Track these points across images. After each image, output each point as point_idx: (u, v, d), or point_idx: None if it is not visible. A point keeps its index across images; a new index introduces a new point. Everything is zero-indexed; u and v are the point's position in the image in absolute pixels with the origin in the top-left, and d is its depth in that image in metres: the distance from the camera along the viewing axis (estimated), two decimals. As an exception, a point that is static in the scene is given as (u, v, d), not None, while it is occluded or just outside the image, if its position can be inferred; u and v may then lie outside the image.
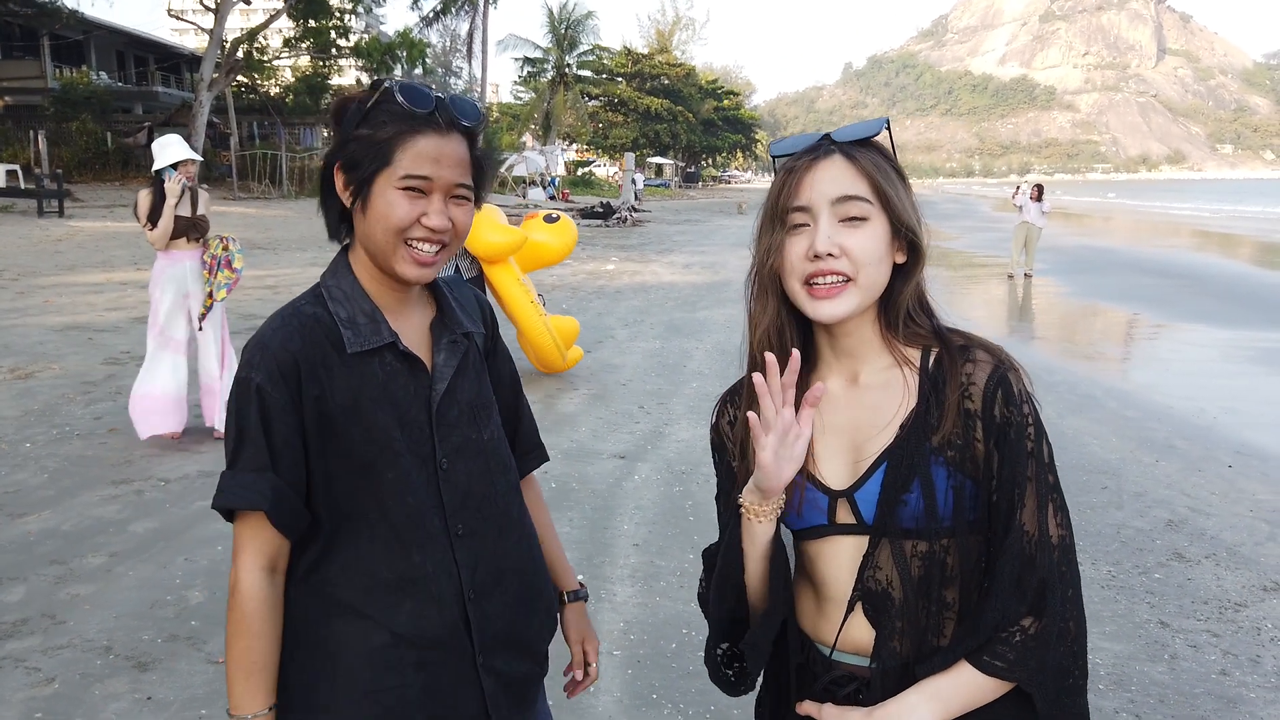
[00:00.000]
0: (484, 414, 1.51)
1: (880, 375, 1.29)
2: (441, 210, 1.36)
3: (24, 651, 3.32)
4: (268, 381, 1.33)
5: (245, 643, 1.33)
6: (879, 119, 1.31)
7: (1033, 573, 1.17)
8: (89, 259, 14.69)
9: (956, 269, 19.31)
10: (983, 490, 1.21)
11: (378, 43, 36.25)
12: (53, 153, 28.94)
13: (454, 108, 1.37)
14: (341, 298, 1.41)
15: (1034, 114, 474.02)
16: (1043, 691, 1.17)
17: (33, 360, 7.81)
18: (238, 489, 1.33)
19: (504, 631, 1.48)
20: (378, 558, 1.38)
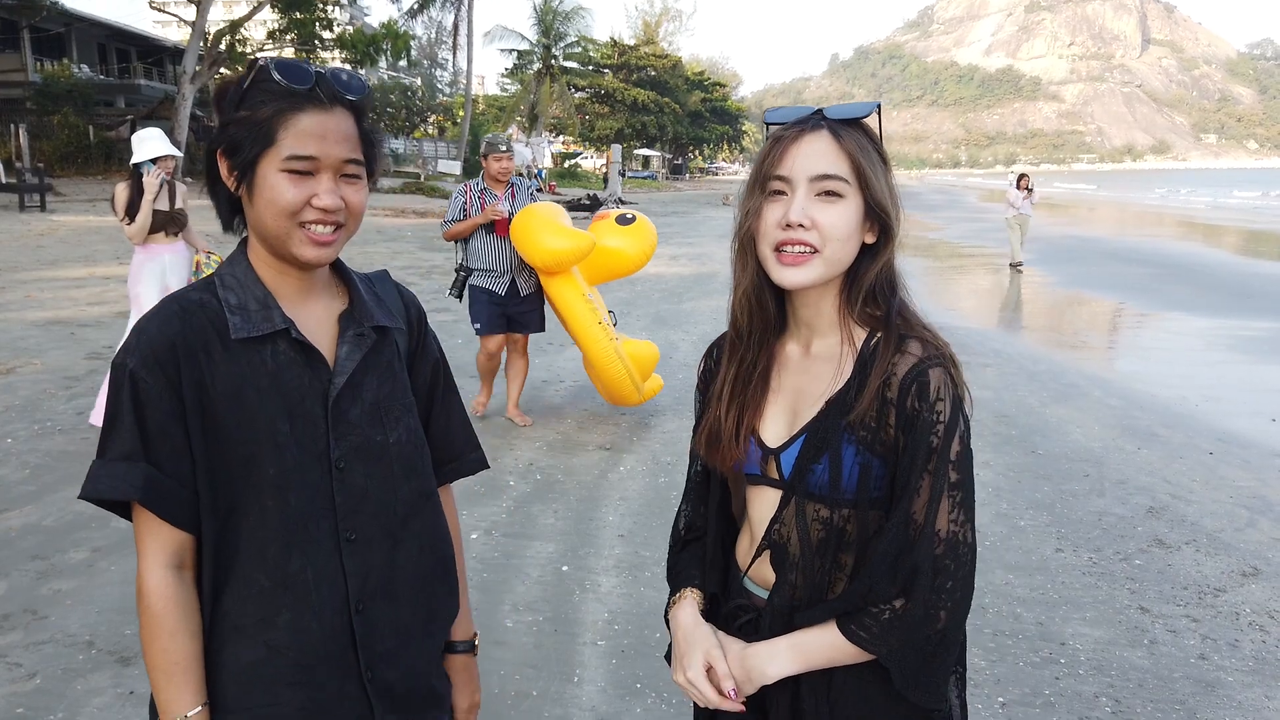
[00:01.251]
0: (392, 415, 1.41)
1: (828, 349, 1.37)
2: (332, 190, 1.28)
3: (5, 647, 3.30)
4: (141, 366, 1.25)
5: (161, 644, 1.26)
6: (872, 102, 1.37)
7: (909, 558, 1.25)
8: (71, 253, 14.57)
9: (943, 259, 19.35)
10: (889, 472, 1.29)
11: (362, 34, 35.98)
12: (34, 147, 28.68)
13: (335, 82, 1.30)
14: (234, 284, 1.33)
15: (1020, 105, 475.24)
16: (900, 667, 1.26)
17: (14, 355, 7.75)
18: (106, 478, 1.25)
19: (396, 647, 1.39)
20: (255, 562, 1.29)
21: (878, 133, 1.34)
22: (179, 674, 1.27)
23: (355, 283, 1.44)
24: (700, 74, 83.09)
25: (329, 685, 1.33)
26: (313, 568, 1.31)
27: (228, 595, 1.30)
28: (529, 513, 4.75)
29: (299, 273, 1.36)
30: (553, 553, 4.26)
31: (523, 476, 5.26)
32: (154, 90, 38.07)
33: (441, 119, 61.32)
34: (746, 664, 1.33)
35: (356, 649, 1.34)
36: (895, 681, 1.26)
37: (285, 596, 1.29)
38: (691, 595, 1.47)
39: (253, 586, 1.29)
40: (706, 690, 1.34)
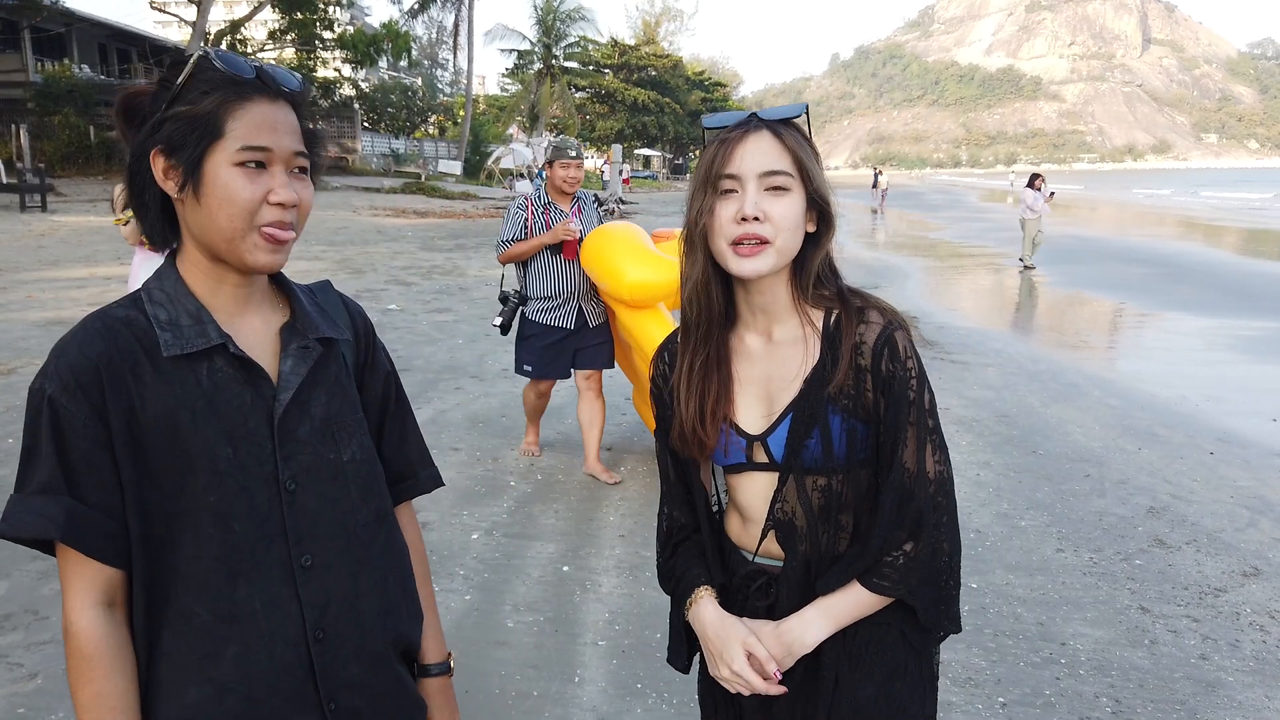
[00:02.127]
0: (344, 432, 1.33)
1: (790, 333, 1.47)
2: (287, 183, 1.21)
3: (6, 647, 3.30)
4: (61, 392, 1.15)
5: (95, 688, 1.17)
6: (800, 104, 1.47)
7: (911, 503, 1.39)
8: (72, 254, 14.58)
9: (943, 259, 19.35)
10: (872, 432, 1.42)
11: (362, 34, 36.06)
12: (35, 147, 28.69)
13: (276, 74, 1.24)
14: (163, 299, 1.23)
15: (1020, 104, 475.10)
16: (922, 602, 1.40)
17: (15, 356, 7.75)
18: (23, 514, 1.15)
19: (363, 674, 1.32)
20: (195, 595, 1.20)
21: (808, 131, 1.45)
22: (117, 718, 1.18)
23: (296, 293, 1.36)
24: (701, 74, 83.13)
25: (279, 712, 1.25)
26: (261, 597, 1.22)
27: (166, 632, 1.21)
28: (530, 513, 4.75)
29: (236, 283, 1.26)
30: (554, 553, 4.26)
31: (524, 477, 5.26)
32: (155, 90, 38.01)
33: (442, 119, 61.34)
34: (784, 640, 1.42)
35: (316, 680, 1.26)
36: (921, 617, 1.40)
37: (232, 629, 1.21)
38: (708, 593, 1.52)
39: (194, 620, 1.20)
40: (753, 679, 1.41)
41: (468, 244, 18.97)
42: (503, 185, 44.73)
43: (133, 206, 1.27)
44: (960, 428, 6.40)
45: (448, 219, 25.71)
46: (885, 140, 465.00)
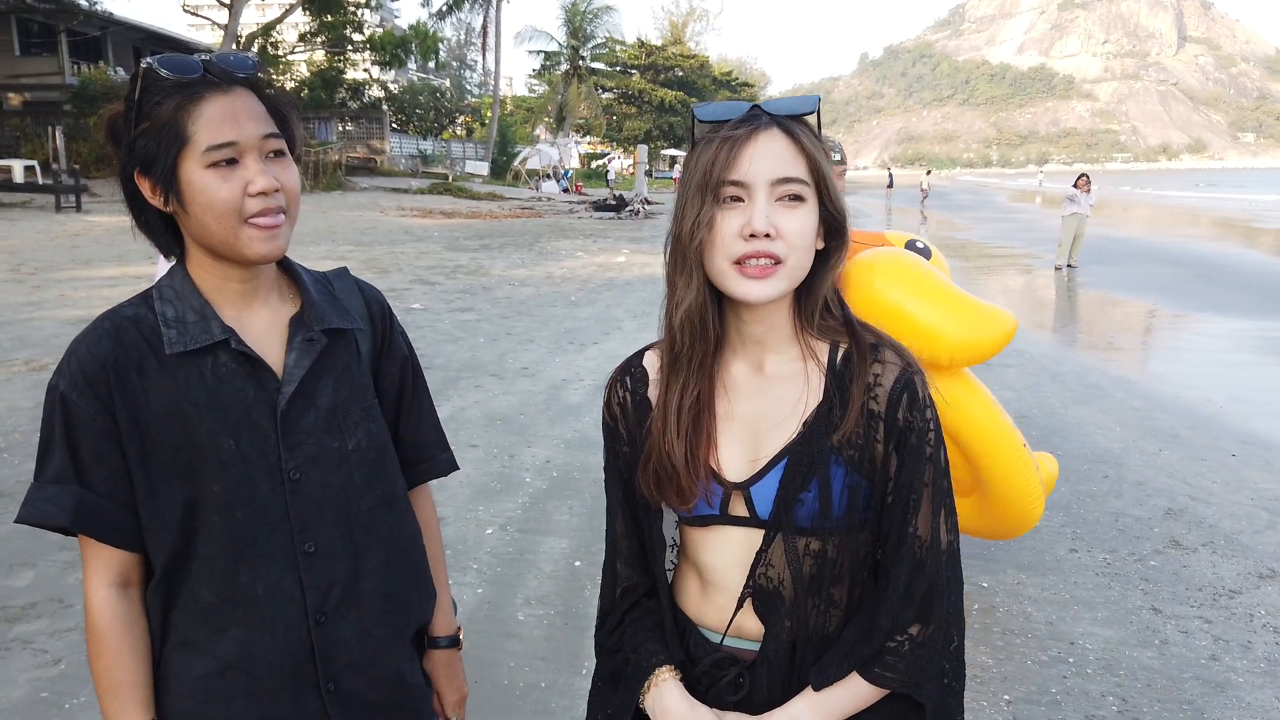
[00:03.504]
0: (350, 421, 1.35)
1: (787, 366, 1.25)
2: (263, 170, 1.21)
3: (32, 634, 3.40)
4: (72, 389, 1.22)
5: (105, 661, 1.25)
6: (813, 96, 1.23)
7: (923, 579, 1.19)
8: (105, 253, 14.85)
9: (971, 260, 19.21)
10: (876, 492, 1.21)
11: (391, 36, 36.40)
12: (70, 148, 29.20)
13: (223, 63, 1.24)
14: (172, 296, 1.28)
15: (1052, 103, 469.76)
16: (931, 699, 1.20)
17: (48, 353, 7.93)
18: (39, 502, 1.23)
19: (364, 657, 1.36)
20: (202, 578, 1.27)
21: (819, 129, 1.23)
22: (125, 692, 1.26)
23: (306, 284, 1.38)
24: (728, 74, 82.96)
25: (283, 698, 1.30)
26: (263, 582, 1.27)
27: (177, 611, 1.28)
28: (544, 509, 4.80)
29: (242, 278, 1.29)
30: (566, 548, 4.31)
31: (539, 473, 5.31)
32: (188, 92, 38.55)
33: (470, 120, 61.73)
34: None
35: (316, 661, 1.31)
36: (930, 714, 1.20)
37: (235, 611, 1.27)
38: (670, 675, 1.28)
39: (200, 602, 1.27)
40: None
41: (492, 244, 19.09)
42: (529, 186, 44.96)
43: (136, 225, 1.32)
44: (978, 428, 6.37)
45: (474, 219, 25.88)
46: (915, 140, 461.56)
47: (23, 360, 7.65)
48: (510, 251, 17.78)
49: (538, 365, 8.12)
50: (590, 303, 11.80)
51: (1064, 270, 16.62)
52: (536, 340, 9.17)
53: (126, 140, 1.24)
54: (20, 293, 10.98)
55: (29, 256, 14.14)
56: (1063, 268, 16.72)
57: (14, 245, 15.41)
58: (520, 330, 9.72)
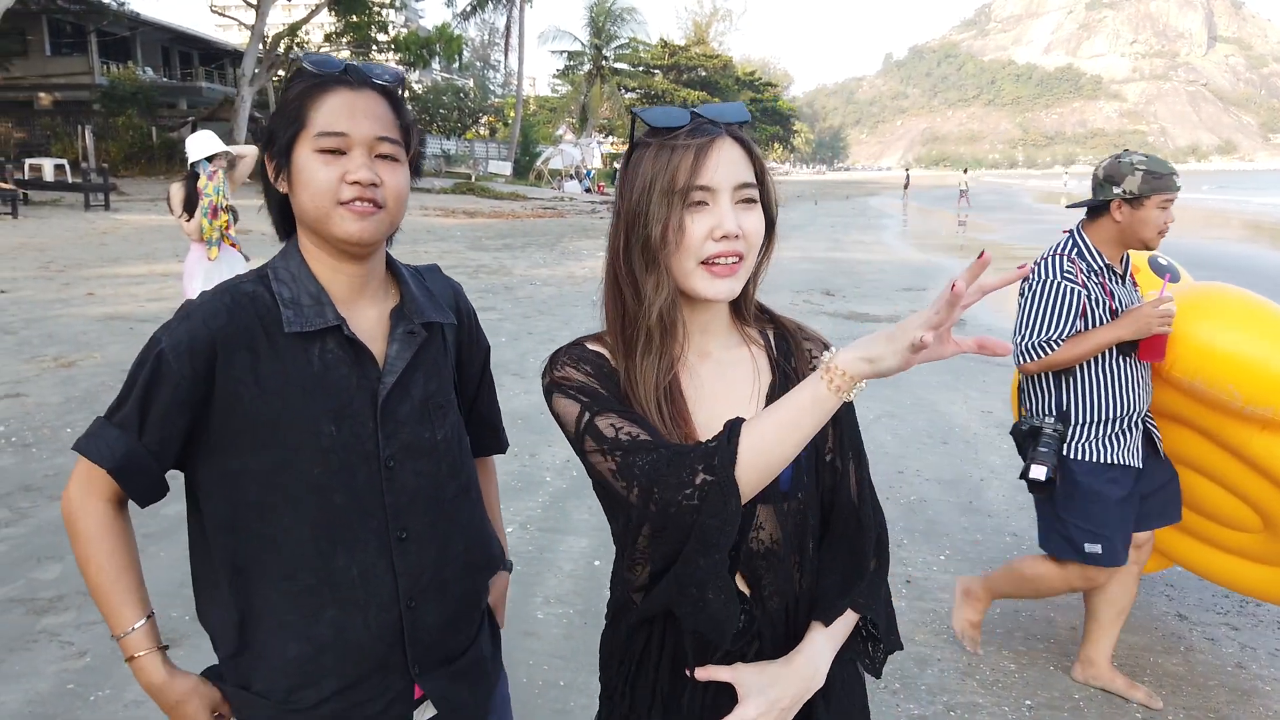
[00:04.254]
0: (440, 412, 1.41)
1: (731, 352, 1.38)
2: (365, 164, 1.27)
3: (59, 626, 3.45)
4: (172, 351, 1.25)
5: (98, 562, 1.30)
6: (741, 104, 1.32)
7: (876, 520, 1.39)
8: (132, 251, 15.04)
9: (996, 261, 18.98)
10: (819, 451, 1.37)
11: (416, 37, 36.58)
12: (99, 147, 29.63)
13: (365, 69, 1.32)
14: (287, 278, 1.32)
15: (1079, 104, 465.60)
16: (885, 621, 1.40)
17: (76, 349, 8.03)
18: (97, 439, 1.29)
19: (446, 641, 1.43)
20: (296, 560, 1.30)
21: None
22: (120, 591, 1.31)
23: (406, 278, 1.44)
24: (751, 74, 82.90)
25: (373, 680, 1.35)
26: (358, 566, 1.31)
27: (269, 594, 1.31)
28: (564, 508, 4.81)
29: (352, 269, 1.34)
30: (585, 548, 4.32)
31: (559, 473, 5.32)
32: (215, 92, 39.07)
33: (493, 120, 61.99)
34: (802, 675, 1.30)
35: (405, 644, 1.36)
36: (882, 634, 1.39)
37: (330, 594, 1.31)
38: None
39: (297, 584, 1.30)
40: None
41: (515, 244, 19.16)
42: (551, 186, 45.08)
43: (265, 200, 1.39)
44: (1002, 431, 6.32)
45: (496, 219, 25.98)
46: (939, 140, 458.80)
47: (51, 356, 7.75)
48: (532, 251, 17.83)
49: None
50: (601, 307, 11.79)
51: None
52: (558, 340, 9.19)
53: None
54: (50, 290, 11.14)
55: (58, 254, 14.33)
56: None
57: (44, 243, 15.63)
58: (542, 330, 9.74)
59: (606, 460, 1.22)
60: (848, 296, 12.38)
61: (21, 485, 4.86)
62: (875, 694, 3.07)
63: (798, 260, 16.61)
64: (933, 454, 5.84)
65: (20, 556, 4.03)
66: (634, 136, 1.29)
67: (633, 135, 1.30)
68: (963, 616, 3.46)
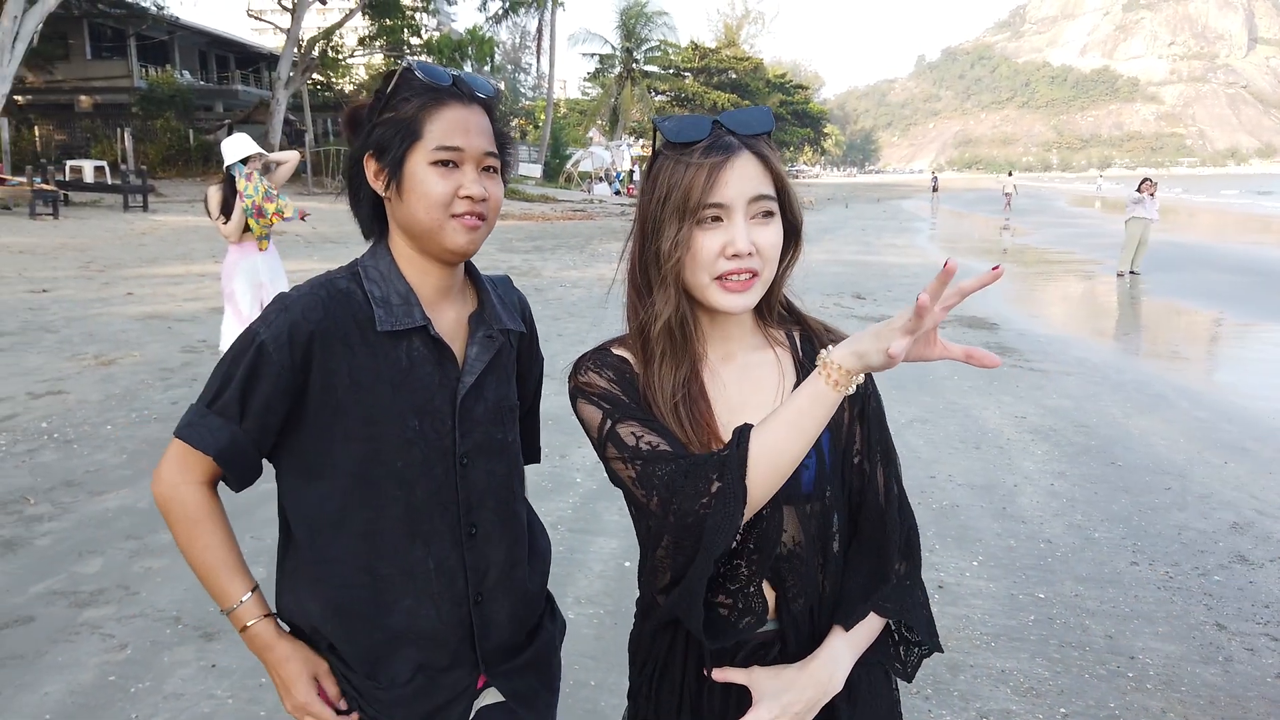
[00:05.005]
0: (509, 415, 1.47)
1: (755, 355, 1.38)
2: (476, 179, 1.33)
3: (100, 619, 3.51)
4: (272, 342, 1.30)
5: (204, 541, 1.36)
6: (766, 110, 1.31)
7: (905, 523, 1.37)
8: (170, 252, 15.27)
9: (1028, 265, 18.87)
10: (846, 453, 1.35)
11: (448, 40, 36.82)
12: (138, 149, 30.07)
13: (470, 81, 1.37)
14: (378, 278, 1.38)
15: (1116, 106, 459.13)
16: (921, 625, 1.37)
17: (115, 348, 8.17)
18: (200, 427, 1.32)
19: (512, 639, 1.47)
20: (376, 551, 1.35)
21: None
22: (225, 568, 1.37)
23: (485, 285, 1.50)
24: (782, 76, 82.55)
25: (444, 673, 1.40)
26: (434, 558, 1.36)
27: (349, 581, 1.36)
28: (594, 509, 4.82)
29: (440, 273, 1.40)
30: (615, 548, 4.33)
31: (590, 474, 5.34)
32: (250, 95, 39.58)
33: (523, 123, 62.26)
34: (818, 679, 1.29)
35: (473, 638, 1.41)
36: (920, 638, 1.38)
37: (408, 585, 1.35)
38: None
39: (375, 574, 1.35)
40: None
41: (545, 246, 19.23)
42: (581, 188, 45.18)
43: (350, 203, 1.44)
44: (1036, 437, 6.26)
45: (526, 221, 26.09)
46: (972, 143, 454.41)
47: (92, 355, 7.90)
48: (562, 253, 17.89)
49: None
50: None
51: (1126, 277, 16.25)
52: (588, 342, 9.20)
53: (366, 126, 1.36)
54: (90, 289, 11.34)
55: (98, 254, 14.59)
56: (1125, 274, 16.35)
57: (84, 243, 15.91)
58: (571, 332, 9.78)
59: (627, 468, 1.25)
60: (879, 300, 12.30)
61: (63, 480, 4.96)
62: (907, 699, 3.05)
63: (828, 263, 16.55)
64: (965, 459, 5.79)
65: (62, 550, 4.11)
66: (655, 145, 1.31)
67: (655, 144, 1.31)
68: None
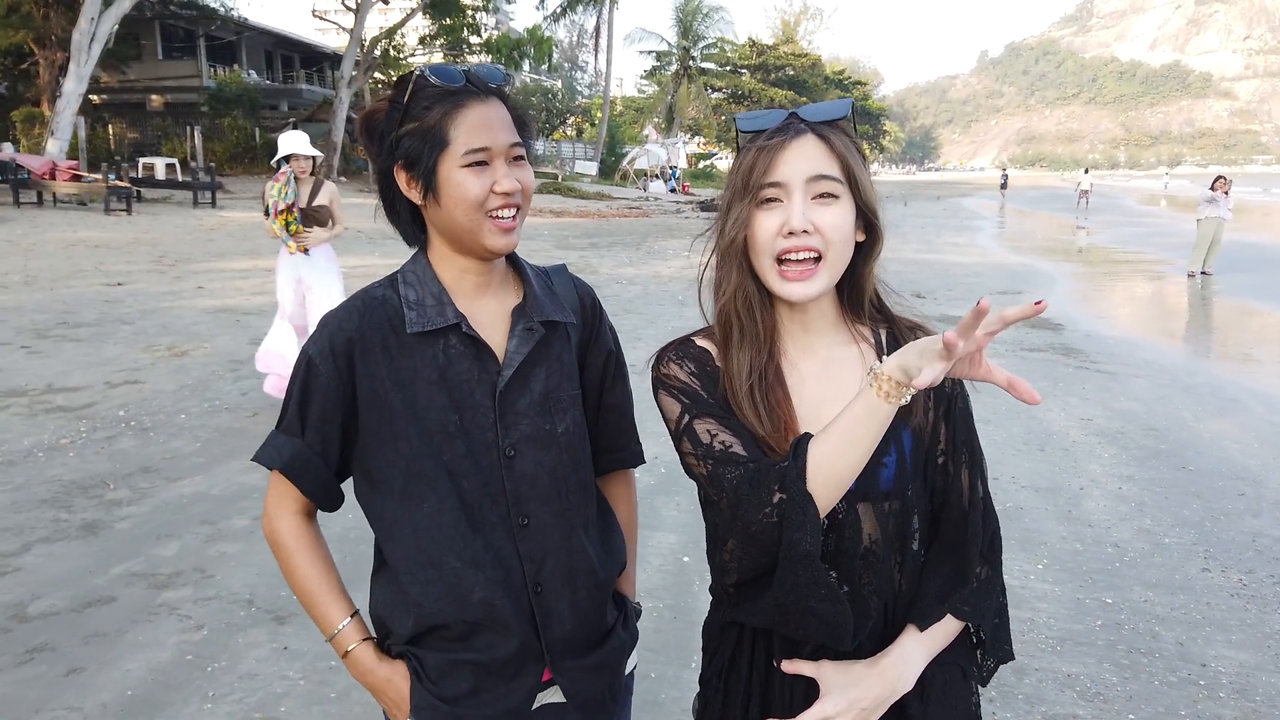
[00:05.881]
0: (560, 406, 1.46)
1: (840, 350, 1.36)
2: (508, 174, 1.36)
3: (177, 600, 3.64)
4: (318, 356, 1.38)
5: (304, 571, 1.44)
6: (845, 100, 1.34)
7: (989, 526, 1.34)
8: (237, 247, 15.68)
9: (1094, 264, 18.44)
10: (929, 453, 1.34)
11: (507, 39, 37.18)
12: (207, 147, 30.89)
13: (479, 74, 1.38)
14: (414, 281, 1.42)
15: (1187, 102, 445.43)
16: (993, 633, 1.36)
17: (187, 340, 8.42)
18: (269, 447, 1.42)
19: (575, 632, 1.45)
20: (442, 544, 1.38)
21: (854, 131, 1.33)
22: (323, 595, 1.43)
23: (529, 277, 1.50)
24: (840, 73, 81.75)
25: (511, 663, 1.41)
26: (493, 549, 1.39)
27: (423, 577, 1.38)
28: (653, 505, 4.85)
29: (478, 271, 1.42)
30: (674, 544, 4.35)
31: (647, 470, 5.37)
32: (314, 94, 40.39)
33: (580, 121, 62.54)
34: (887, 678, 1.29)
35: (538, 631, 1.41)
36: (989, 648, 1.35)
37: (477, 575, 1.37)
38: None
39: (443, 568, 1.37)
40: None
41: (600, 243, 19.31)
42: (637, 186, 45.25)
43: (385, 214, 1.47)
44: (1103, 440, 6.13)
45: (582, 218, 26.23)
46: (1035, 140, 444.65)
47: (165, 346, 8.15)
48: (618, 250, 17.95)
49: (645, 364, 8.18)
50: (697, 303, 11.81)
51: (1198, 277, 15.79)
52: (644, 339, 9.24)
53: (389, 138, 1.38)
54: (162, 283, 11.69)
55: (169, 249, 15.03)
56: (1196, 275, 15.88)
57: (156, 238, 16.41)
58: (628, 328, 9.81)
59: (700, 465, 1.28)
60: (939, 299, 12.13)
61: (141, 467, 5.13)
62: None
63: (888, 260, 16.16)
64: (1029, 460, 5.70)
65: (141, 534, 4.26)
66: (738, 141, 1.33)
67: (738, 141, 1.33)
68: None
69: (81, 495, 4.70)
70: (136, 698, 2.99)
